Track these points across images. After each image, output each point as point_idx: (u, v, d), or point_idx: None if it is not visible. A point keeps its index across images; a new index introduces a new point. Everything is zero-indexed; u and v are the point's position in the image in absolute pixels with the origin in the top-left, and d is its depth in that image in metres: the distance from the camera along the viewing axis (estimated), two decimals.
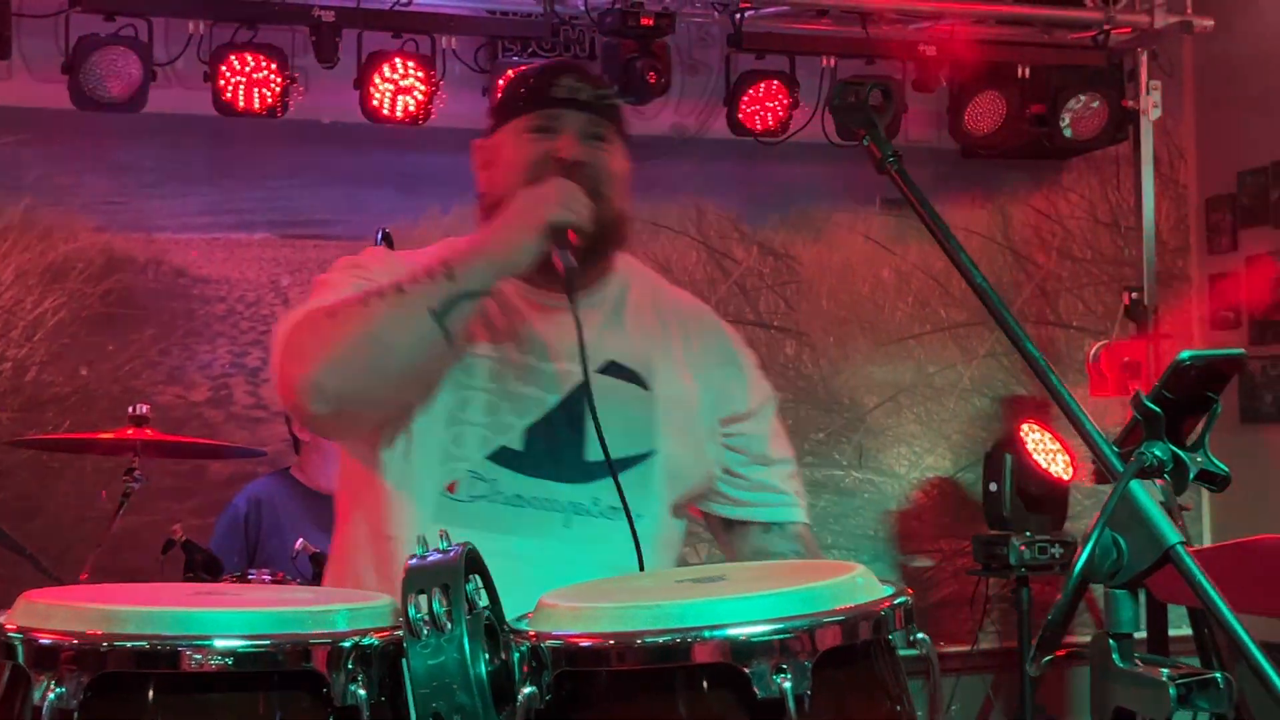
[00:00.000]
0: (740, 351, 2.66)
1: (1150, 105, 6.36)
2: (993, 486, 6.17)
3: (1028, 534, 6.04)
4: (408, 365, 2.28)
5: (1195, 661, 5.56)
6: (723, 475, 2.56)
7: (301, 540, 4.30)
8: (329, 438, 2.60)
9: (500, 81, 5.45)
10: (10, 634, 1.61)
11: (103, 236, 5.74)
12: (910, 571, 6.69)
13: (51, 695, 1.54)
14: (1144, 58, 6.34)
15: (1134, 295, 6.43)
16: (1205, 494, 7.07)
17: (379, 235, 4.35)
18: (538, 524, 2.33)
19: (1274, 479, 6.58)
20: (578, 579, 2.00)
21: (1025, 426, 6.21)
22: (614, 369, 2.44)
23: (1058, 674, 6.56)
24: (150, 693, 1.58)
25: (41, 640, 1.58)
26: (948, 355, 6.79)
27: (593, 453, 2.35)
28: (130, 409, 4.31)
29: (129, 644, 1.57)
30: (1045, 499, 6.19)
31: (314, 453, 5.00)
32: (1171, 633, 6.06)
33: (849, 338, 6.68)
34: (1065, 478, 6.20)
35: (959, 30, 5.95)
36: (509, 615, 1.75)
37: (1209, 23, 6.18)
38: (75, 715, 1.55)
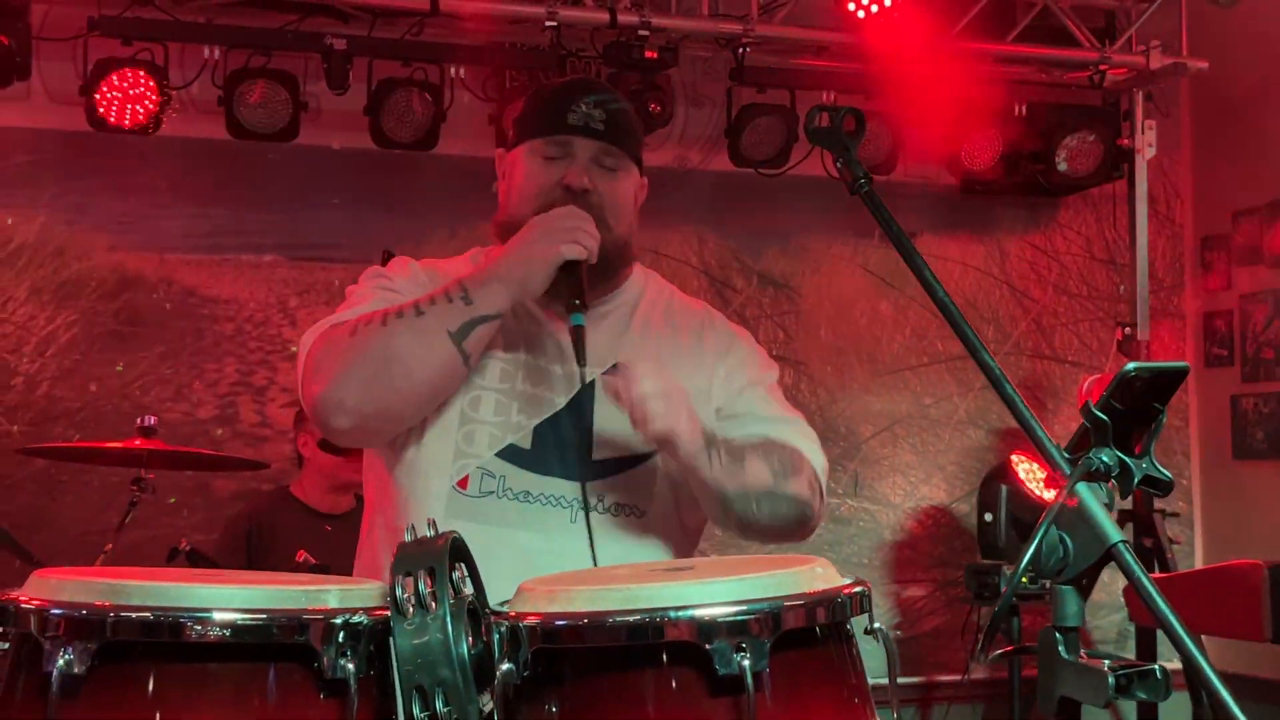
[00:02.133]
0: (740, 337, 2.73)
1: (1145, 144, 6.48)
2: (988, 517, 6.24)
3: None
4: (425, 384, 2.37)
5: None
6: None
7: (303, 553, 4.41)
8: (354, 445, 2.72)
9: (519, 99, 5.58)
10: (23, 605, 1.72)
11: (115, 256, 5.87)
12: (904, 601, 6.78)
13: (60, 662, 1.63)
14: (1139, 97, 6.46)
15: (1127, 331, 6.53)
16: (1197, 527, 7.15)
17: (384, 257, 4.45)
18: (545, 519, 2.41)
19: (1263, 512, 6.68)
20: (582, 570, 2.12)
21: (1015, 457, 6.30)
22: (618, 371, 2.46)
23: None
24: (153, 661, 1.67)
25: (52, 610, 1.68)
26: (944, 387, 6.89)
27: (599, 451, 2.45)
28: (139, 420, 4.42)
29: (134, 615, 1.66)
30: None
31: (315, 473, 5.12)
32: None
33: (846, 368, 6.79)
34: None
35: (957, 70, 6.06)
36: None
37: (1204, 64, 6.29)
38: (83, 681, 1.65)
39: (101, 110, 5.33)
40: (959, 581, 6.56)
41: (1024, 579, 6.01)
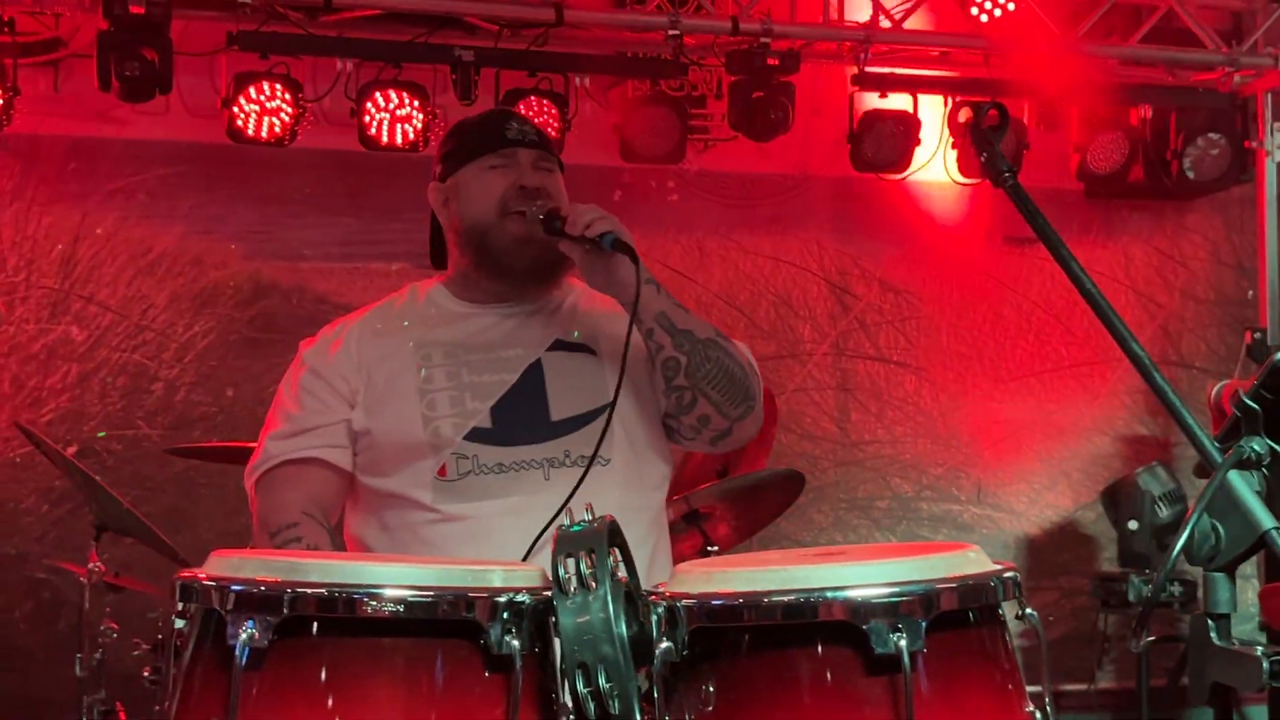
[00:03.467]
0: None
1: (1274, 146, 6.40)
2: (1132, 524, 6.14)
3: (1148, 571, 6.03)
4: None
5: None
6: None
7: None
8: None
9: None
10: (205, 582, 1.80)
11: (251, 264, 6.02)
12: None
13: (244, 635, 1.72)
14: (1267, 99, 6.37)
15: (1256, 335, 6.44)
16: None
17: None
18: (522, 483, 2.69)
19: None
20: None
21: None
22: (560, 345, 2.83)
23: None
24: (329, 636, 1.76)
25: (234, 586, 1.77)
26: (1069, 393, 6.84)
27: (556, 412, 2.75)
28: None
29: (310, 591, 1.75)
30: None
31: None
32: None
33: (969, 374, 6.76)
34: None
35: (1083, 71, 6.03)
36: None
37: None
38: (264, 654, 1.73)
39: (240, 123, 5.49)
40: (1084, 590, 6.51)
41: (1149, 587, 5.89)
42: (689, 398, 2.74)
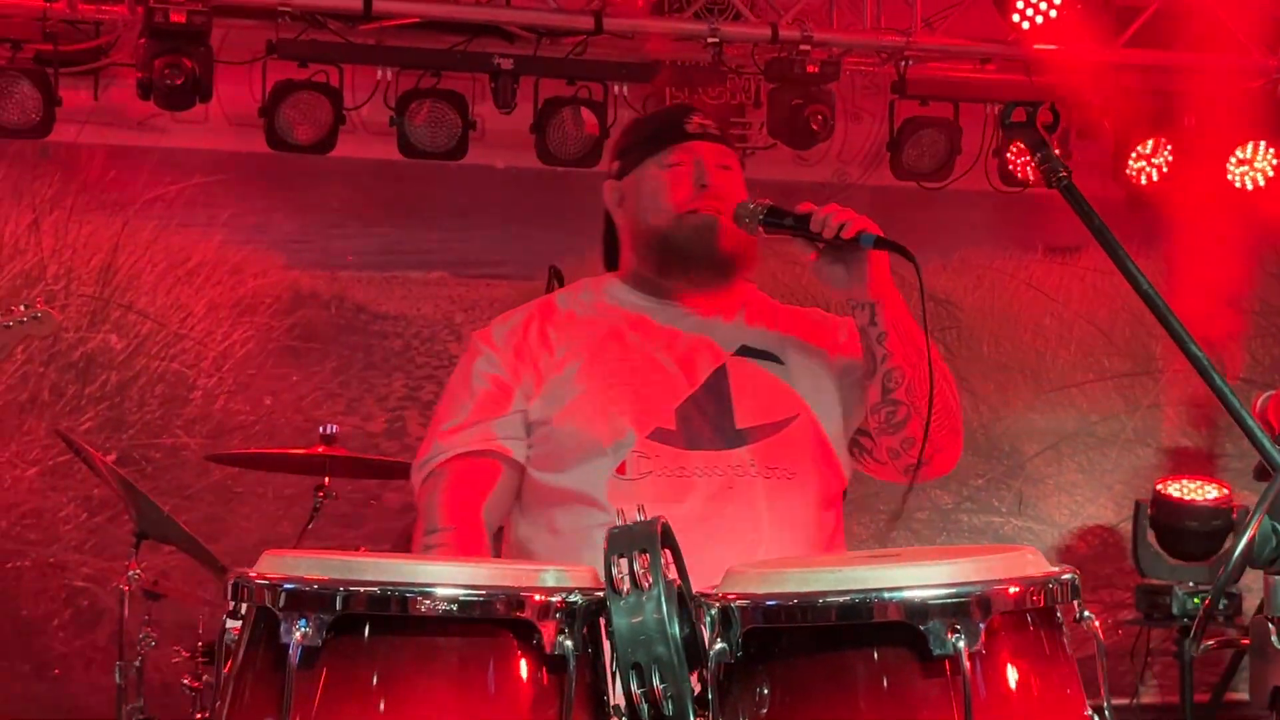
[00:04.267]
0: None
1: None
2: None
3: (1191, 583, 5.96)
4: None
5: None
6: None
7: None
8: None
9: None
10: (259, 581, 1.79)
11: (290, 273, 6.04)
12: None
13: (297, 633, 1.70)
14: None
15: None
16: None
17: (550, 273, 4.51)
18: (702, 489, 2.57)
19: None
20: (746, 535, 2.38)
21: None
22: (747, 351, 2.72)
23: None
24: (383, 634, 1.74)
25: (287, 585, 1.75)
26: (1110, 404, 6.79)
27: (742, 421, 2.64)
28: (321, 429, 4.54)
29: (363, 589, 1.73)
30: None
31: None
32: None
33: (1010, 385, 6.71)
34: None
35: (1124, 80, 5.99)
36: (696, 579, 1.89)
37: None
38: (318, 652, 1.71)
39: (280, 130, 5.49)
40: (1126, 603, 6.44)
41: (1195, 599, 5.84)
42: (902, 415, 2.62)
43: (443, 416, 2.71)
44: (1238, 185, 6.29)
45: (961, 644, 1.69)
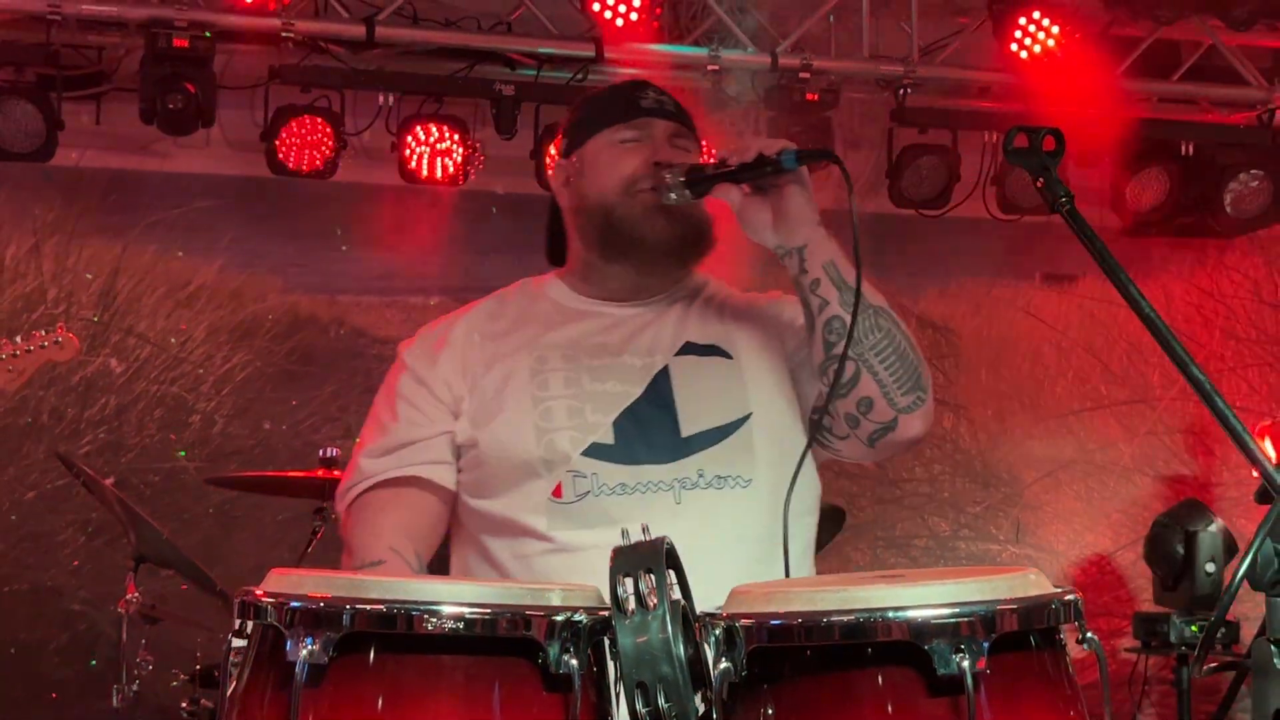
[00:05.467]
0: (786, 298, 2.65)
1: None
2: (1209, 567, 6.01)
3: (1189, 612, 5.95)
4: None
5: None
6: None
7: None
8: None
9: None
10: (264, 599, 1.79)
11: (289, 298, 6.05)
12: None
13: (304, 652, 1.69)
14: None
15: None
16: None
17: None
18: (649, 507, 2.34)
19: None
20: (702, 553, 2.02)
21: None
22: (691, 348, 2.52)
23: None
24: (390, 653, 1.73)
25: (294, 603, 1.75)
26: (1109, 433, 6.79)
27: (687, 428, 2.42)
28: (321, 452, 4.53)
29: (369, 607, 1.72)
30: None
31: None
32: None
33: (1008, 412, 6.72)
34: None
35: (1122, 109, 6.01)
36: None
37: None
38: (325, 671, 1.71)
39: (281, 155, 5.51)
40: (1124, 631, 6.42)
41: (1193, 627, 5.81)
42: (850, 372, 2.34)
43: (366, 439, 2.55)
44: (1232, 214, 6.29)
45: (966, 663, 1.69)
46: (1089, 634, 1.90)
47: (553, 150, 5.58)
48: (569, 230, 2.62)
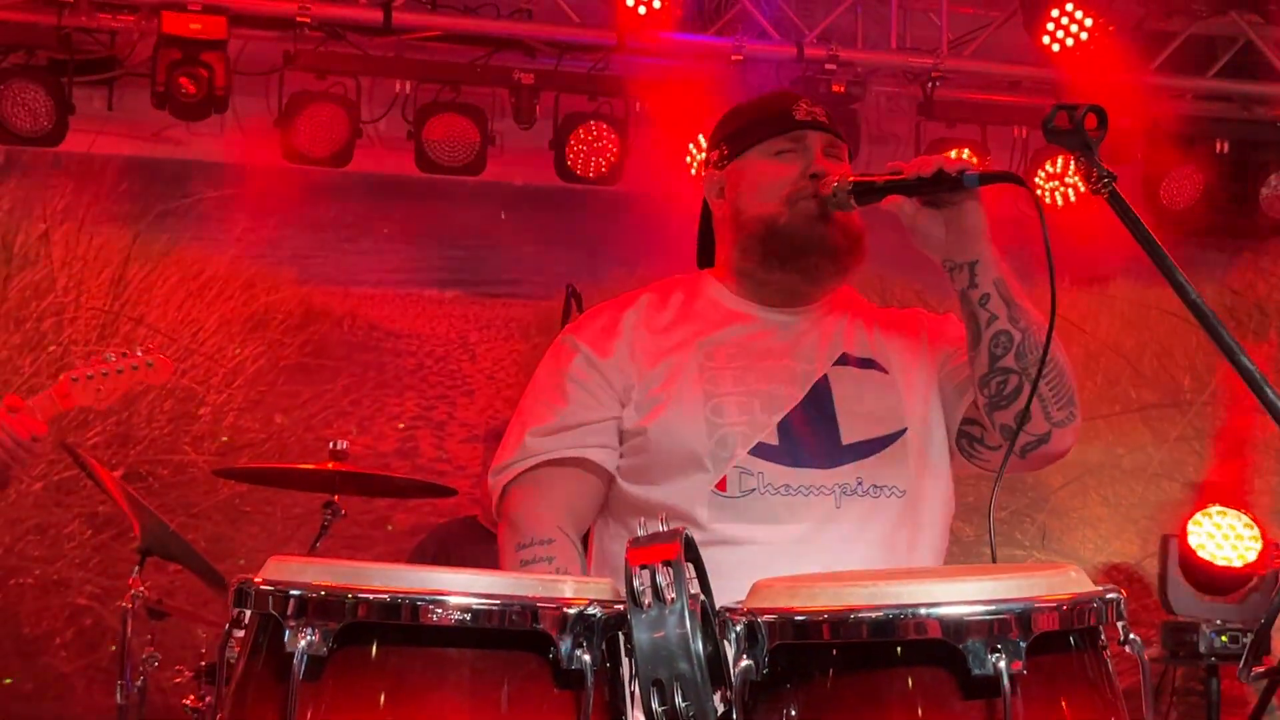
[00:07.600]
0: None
1: None
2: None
3: (1218, 621, 5.83)
4: None
5: None
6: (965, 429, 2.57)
7: None
8: None
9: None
10: (262, 587, 1.70)
11: (303, 289, 5.96)
12: None
13: (303, 643, 1.61)
14: None
15: None
16: None
17: (568, 292, 4.42)
18: (810, 509, 2.43)
19: None
20: (855, 558, 2.22)
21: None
22: (847, 359, 2.57)
23: None
24: (392, 645, 1.64)
25: (294, 591, 1.66)
26: (1137, 437, 6.66)
27: (847, 435, 2.49)
28: (331, 444, 4.43)
29: (372, 597, 1.63)
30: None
31: None
32: None
33: None
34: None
35: (1156, 105, 5.90)
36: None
37: None
38: (325, 662, 1.62)
39: (296, 144, 5.42)
40: (1151, 640, 6.30)
41: (1224, 637, 5.67)
42: (1013, 385, 2.42)
43: (530, 417, 2.56)
44: (1267, 211, 6.18)
45: (1002, 664, 1.58)
46: (1132, 635, 1.79)
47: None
48: (721, 238, 2.68)
